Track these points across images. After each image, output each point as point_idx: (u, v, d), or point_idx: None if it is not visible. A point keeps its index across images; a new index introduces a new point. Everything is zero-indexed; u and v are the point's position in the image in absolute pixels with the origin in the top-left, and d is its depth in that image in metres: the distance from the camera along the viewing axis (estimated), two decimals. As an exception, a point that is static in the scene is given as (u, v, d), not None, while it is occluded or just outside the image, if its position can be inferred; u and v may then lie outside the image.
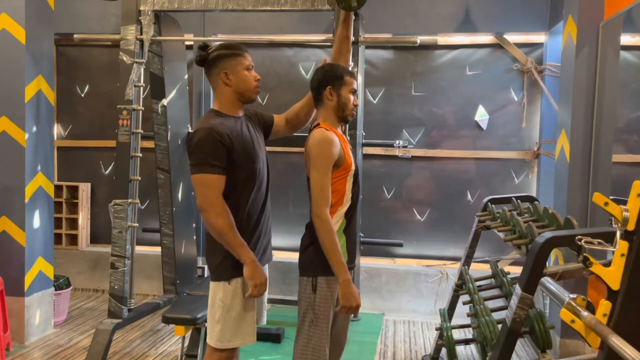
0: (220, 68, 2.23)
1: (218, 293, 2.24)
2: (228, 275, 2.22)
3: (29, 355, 3.60)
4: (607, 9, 3.29)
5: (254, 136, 2.30)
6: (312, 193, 2.15)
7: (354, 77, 2.32)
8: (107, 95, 5.23)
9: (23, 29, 3.69)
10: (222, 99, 2.26)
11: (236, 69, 2.23)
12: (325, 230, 2.12)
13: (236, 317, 2.23)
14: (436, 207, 4.90)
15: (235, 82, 2.23)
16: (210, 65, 2.26)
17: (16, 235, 3.75)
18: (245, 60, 2.26)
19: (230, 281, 2.22)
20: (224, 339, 2.23)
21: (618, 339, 1.37)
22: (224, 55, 2.24)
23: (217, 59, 2.24)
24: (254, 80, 2.28)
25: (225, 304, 2.22)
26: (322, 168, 2.15)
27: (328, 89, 2.26)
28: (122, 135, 3.61)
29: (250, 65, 2.27)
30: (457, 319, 3.46)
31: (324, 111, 2.29)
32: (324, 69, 2.32)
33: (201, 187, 2.13)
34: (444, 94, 4.85)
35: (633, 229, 1.46)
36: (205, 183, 2.12)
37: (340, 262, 2.13)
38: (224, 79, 2.23)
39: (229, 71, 2.23)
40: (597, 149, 3.35)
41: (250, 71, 2.27)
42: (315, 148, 2.17)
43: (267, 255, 2.40)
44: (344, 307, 2.15)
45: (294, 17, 4.81)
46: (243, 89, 2.25)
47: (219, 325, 2.23)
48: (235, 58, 2.24)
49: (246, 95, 2.27)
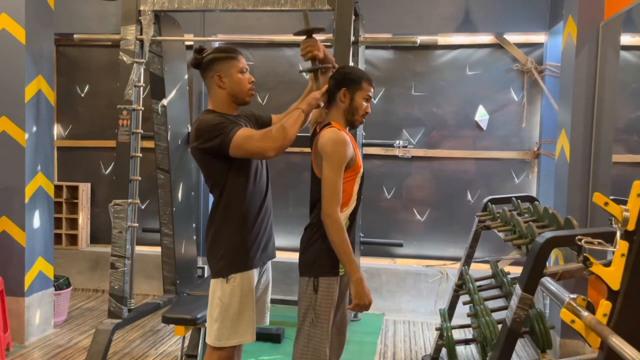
0: (214, 71, 2.27)
1: (217, 291, 2.26)
2: (226, 271, 2.24)
3: (29, 355, 3.60)
4: (607, 9, 3.29)
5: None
6: (324, 192, 2.15)
7: (372, 85, 2.30)
8: (107, 95, 5.23)
9: (23, 29, 3.69)
10: (216, 101, 2.30)
11: (230, 71, 2.26)
12: (337, 230, 2.12)
13: (234, 315, 2.24)
14: (436, 207, 4.90)
15: (229, 84, 2.27)
16: (205, 68, 2.29)
17: (16, 235, 3.75)
18: (239, 63, 2.29)
19: (228, 278, 2.23)
20: (222, 337, 2.24)
21: (618, 339, 1.37)
22: (218, 58, 2.27)
23: (211, 62, 2.27)
24: (248, 83, 2.30)
25: (223, 302, 2.24)
26: (336, 167, 2.15)
27: (343, 90, 2.26)
28: (122, 135, 3.61)
29: (244, 68, 2.30)
30: (457, 319, 3.46)
31: (335, 112, 2.29)
32: (344, 70, 2.32)
33: (247, 140, 2.12)
34: (444, 94, 4.85)
35: (633, 229, 1.46)
36: (246, 135, 2.13)
37: (352, 260, 2.13)
38: (218, 81, 2.27)
39: (222, 74, 2.26)
40: (597, 149, 3.35)
41: (244, 74, 2.29)
42: (330, 147, 2.16)
43: (269, 252, 2.42)
44: (357, 305, 2.15)
45: (294, 17, 4.80)
46: (237, 92, 2.28)
47: (217, 323, 2.24)
48: (229, 61, 2.27)
49: (240, 98, 2.30)
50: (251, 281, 2.29)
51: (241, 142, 2.12)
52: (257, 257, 2.31)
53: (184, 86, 4.27)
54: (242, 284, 2.25)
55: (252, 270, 2.29)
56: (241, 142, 2.12)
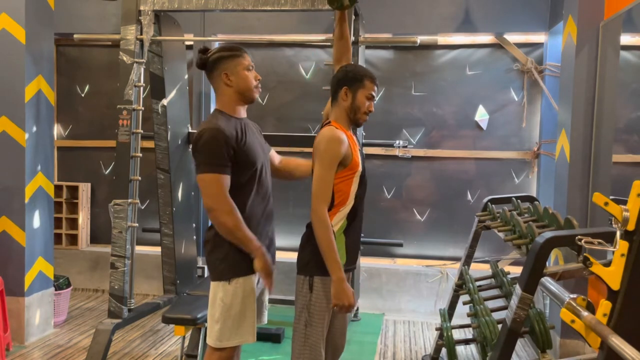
0: (220, 69, 2.27)
1: (218, 292, 2.26)
2: (229, 275, 2.24)
3: (28, 355, 3.60)
4: (607, 9, 3.29)
5: (257, 139, 2.35)
6: (313, 188, 2.15)
7: (375, 83, 2.28)
8: (107, 96, 5.23)
9: (23, 29, 3.69)
10: (224, 100, 2.30)
11: (236, 69, 2.27)
12: (321, 227, 2.12)
13: (236, 316, 2.24)
14: (436, 207, 4.90)
15: (236, 82, 2.27)
16: (211, 68, 2.29)
17: (16, 235, 3.75)
18: (245, 61, 2.29)
19: (231, 281, 2.23)
20: (223, 337, 2.25)
21: (618, 339, 1.37)
22: (223, 56, 2.28)
23: (217, 61, 2.28)
24: (255, 80, 2.31)
25: (225, 303, 2.24)
26: (327, 164, 2.15)
27: (344, 89, 2.24)
28: (122, 135, 3.61)
29: (250, 65, 2.30)
30: (457, 319, 3.46)
31: (337, 110, 2.28)
32: (346, 68, 2.30)
33: (209, 186, 2.16)
34: (444, 94, 4.85)
35: (633, 229, 1.46)
36: (213, 182, 2.15)
37: (333, 259, 2.11)
38: (225, 79, 2.27)
39: (229, 72, 2.26)
40: (597, 149, 3.35)
41: (250, 71, 2.30)
42: (323, 144, 2.17)
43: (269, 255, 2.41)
44: (336, 306, 2.13)
45: (294, 17, 4.81)
46: (244, 89, 2.29)
47: (219, 324, 2.24)
48: (235, 59, 2.28)
49: (247, 95, 2.31)
50: (252, 283, 2.29)
51: (204, 184, 2.17)
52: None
53: (184, 86, 4.27)
54: (245, 286, 2.25)
55: (253, 275, 2.30)
56: (204, 184, 2.17)
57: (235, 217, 2.16)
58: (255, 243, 2.21)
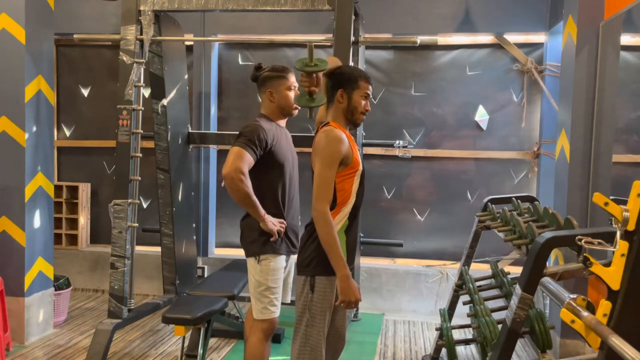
0: (267, 87, 2.72)
1: (251, 270, 2.67)
2: (257, 251, 2.62)
3: (28, 355, 3.60)
4: (607, 9, 3.29)
5: (288, 145, 2.76)
6: (314, 187, 2.17)
7: (370, 83, 2.31)
8: (107, 96, 5.22)
9: (23, 29, 3.69)
10: (268, 110, 2.75)
11: (279, 88, 2.70)
12: (323, 224, 2.13)
13: (264, 292, 2.63)
14: (436, 207, 4.90)
15: (278, 99, 2.71)
16: (260, 84, 2.75)
17: (16, 235, 3.75)
18: (288, 82, 2.71)
19: (259, 258, 2.62)
20: (258, 311, 2.65)
21: (618, 339, 1.37)
22: (271, 76, 2.71)
23: (265, 79, 2.72)
24: (293, 99, 2.70)
25: (255, 279, 2.64)
26: (328, 163, 2.17)
27: (340, 91, 2.27)
28: (122, 135, 3.61)
29: (292, 85, 2.72)
30: (457, 319, 3.46)
31: (335, 112, 2.30)
32: (340, 71, 2.32)
33: (235, 157, 2.48)
34: (444, 94, 4.85)
35: (633, 229, 1.46)
36: (238, 154, 2.49)
37: (338, 256, 2.13)
38: (269, 96, 2.72)
39: (273, 90, 2.70)
40: (597, 149, 3.35)
41: (291, 90, 2.71)
42: (323, 143, 2.19)
43: (292, 245, 2.74)
44: (343, 302, 2.15)
45: (293, 17, 4.81)
46: (284, 106, 2.73)
47: (253, 299, 2.66)
48: (280, 80, 2.71)
49: (286, 110, 2.75)
50: (279, 262, 2.65)
51: (232, 154, 2.50)
52: (284, 246, 2.68)
53: (184, 86, 4.27)
54: (272, 264, 2.62)
55: (280, 256, 2.66)
56: (232, 154, 2.50)
57: (246, 185, 2.49)
58: (262, 210, 2.56)
